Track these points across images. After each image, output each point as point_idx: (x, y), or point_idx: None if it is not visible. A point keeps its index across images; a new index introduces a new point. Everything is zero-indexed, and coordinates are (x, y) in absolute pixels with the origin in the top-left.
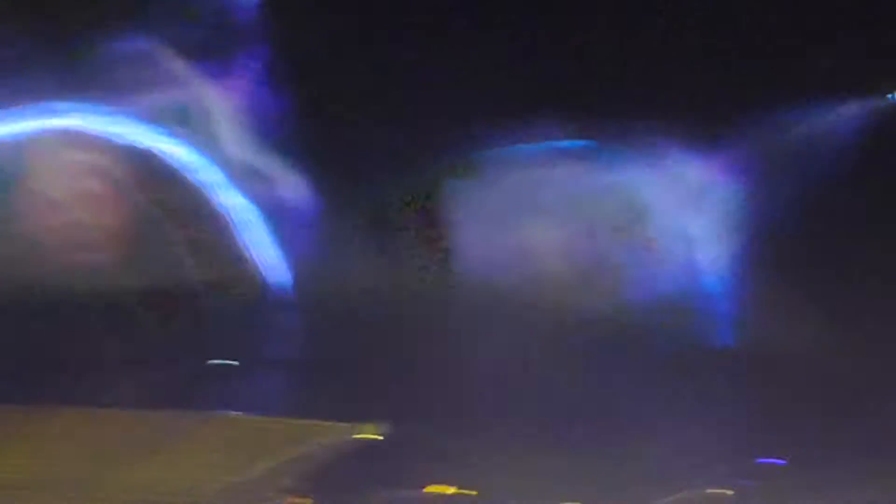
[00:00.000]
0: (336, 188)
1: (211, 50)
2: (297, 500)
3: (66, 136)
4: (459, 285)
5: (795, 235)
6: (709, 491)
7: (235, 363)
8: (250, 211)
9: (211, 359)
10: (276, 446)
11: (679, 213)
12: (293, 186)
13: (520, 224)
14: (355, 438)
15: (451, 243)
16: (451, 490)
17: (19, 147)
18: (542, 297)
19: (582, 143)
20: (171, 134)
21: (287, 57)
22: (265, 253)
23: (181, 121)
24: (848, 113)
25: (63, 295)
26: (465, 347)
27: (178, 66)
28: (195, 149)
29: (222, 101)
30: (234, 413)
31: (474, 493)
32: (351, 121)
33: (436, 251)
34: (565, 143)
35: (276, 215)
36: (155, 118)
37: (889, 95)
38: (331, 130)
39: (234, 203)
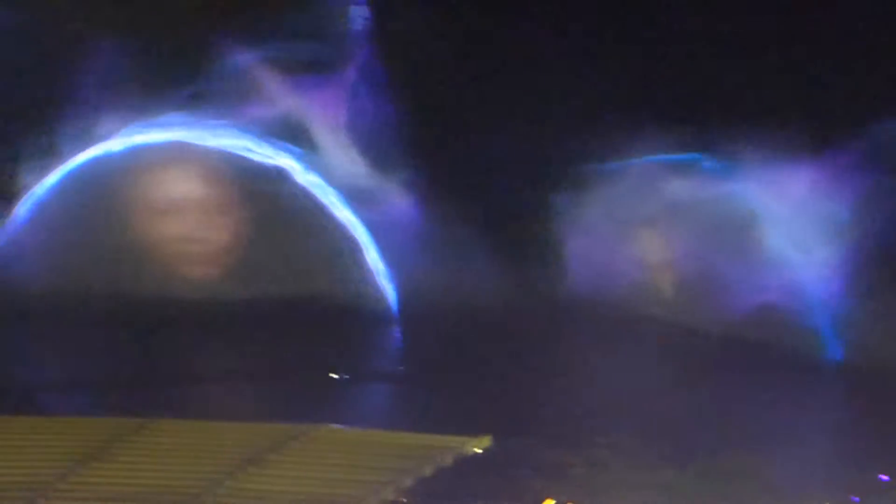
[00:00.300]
0: (448, 200)
1: (321, 61)
2: None
3: (177, 148)
4: (570, 297)
5: None
6: None
7: (346, 376)
8: (361, 223)
9: (321, 371)
10: (383, 459)
11: (789, 225)
12: (405, 198)
13: (630, 236)
14: (462, 452)
15: (561, 255)
16: None
17: (132, 160)
18: (651, 309)
19: (692, 155)
20: (281, 146)
21: (399, 67)
22: (376, 266)
23: (291, 133)
24: None
25: (175, 307)
26: (576, 360)
27: (287, 77)
28: (305, 161)
29: (333, 113)
30: (340, 425)
31: None
32: (464, 132)
33: (547, 263)
34: (675, 156)
35: (388, 228)
36: (264, 130)
37: None
38: (444, 141)
39: (344, 215)
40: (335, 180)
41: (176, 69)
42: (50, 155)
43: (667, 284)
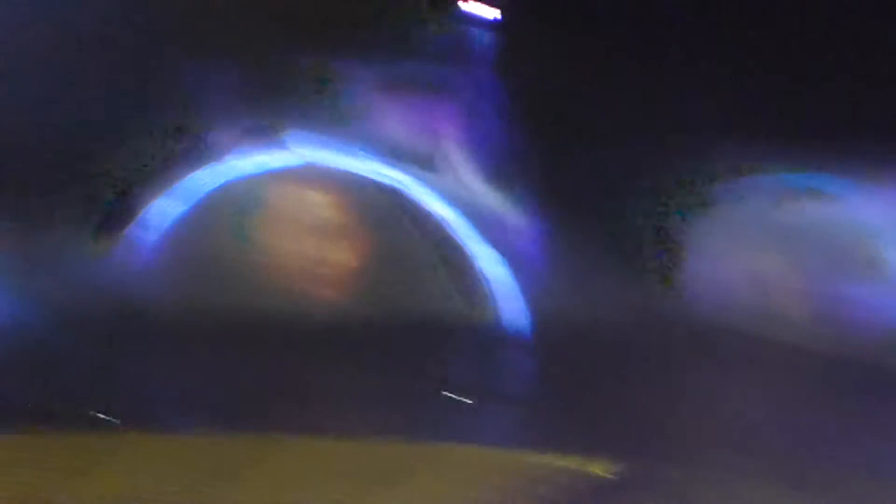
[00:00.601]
0: (572, 221)
1: (445, 82)
2: None
3: (303, 170)
4: (694, 319)
5: None
6: None
7: (468, 401)
8: (484, 245)
9: (444, 392)
10: (506, 478)
11: None
12: (529, 219)
13: (751, 257)
14: (584, 473)
15: (685, 277)
16: None
17: (259, 181)
18: (776, 332)
19: (818, 174)
20: (406, 168)
21: (521, 87)
22: (499, 288)
23: (416, 155)
24: None
25: (301, 327)
26: (698, 382)
27: (413, 98)
28: (430, 183)
29: (459, 134)
30: (464, 445)
31: None
32: (587, 152)
33: (670, 284)
34: (800, 175)
35: (513, 249)
36: (390, 152)
37: None
38: (567, 161)
39: (467, 237)
40: (460, 202)
41: (302, 89)
42: (179, 176)
43: (790, 306)
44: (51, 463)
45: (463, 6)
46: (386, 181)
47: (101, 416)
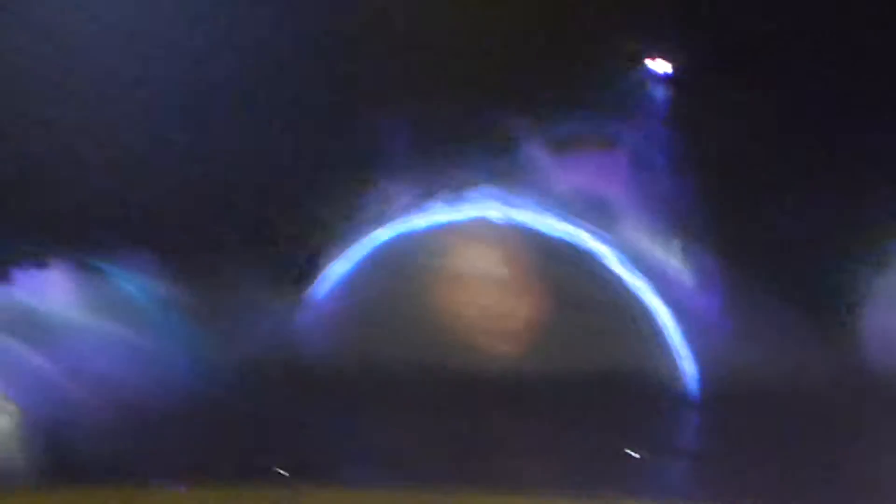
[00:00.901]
0: (744, 277)
1: (617, 137)
2: None
3: (477, 225)
4: (867, 377)
5: None
6: None
7: (641, 453)
8: (658, 302)
9: (618, 447)
10: None
11: None
12: (705, 277)
13: None
14: None
15: (862, 335)
16: None
17: (435, 235)
18: None
19: None
20: (580, 223)
21: (693, 142)
22: (672, 344)
23: (591, 210)
24: None
25: (479, 381)
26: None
27: (593, 155)
28: (604, 238)
29: (633, 190)
30: (639, 499)
31: None
32: (760, 208)
33: (845, 342)
34: None
35: (689, 307)
36: (565, 207)
37: None
38: (740, 218)
39: (645, 293)
40: (634, 258)
41: (477, 144)
42: (354, 229)
43: None
44: None
45: (650, 64)
46: (562, 237)
47: (280, 471)
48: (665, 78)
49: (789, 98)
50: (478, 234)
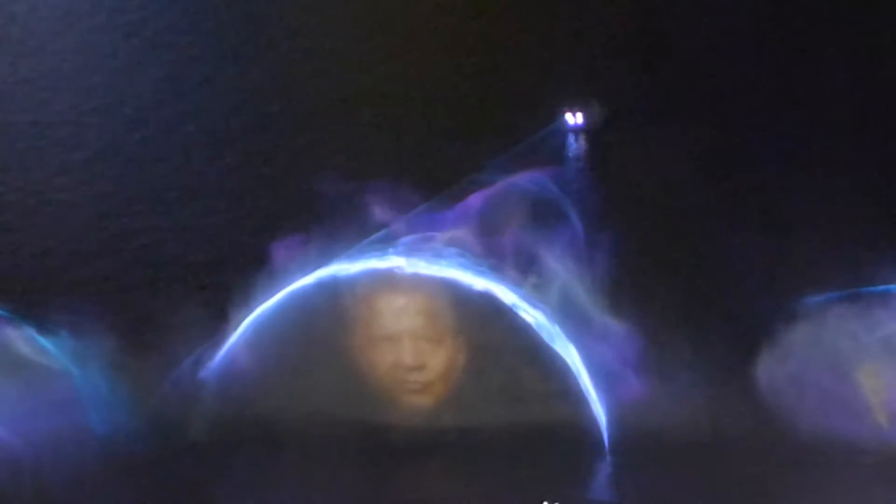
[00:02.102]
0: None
1: (544, 191)
2: None
3: (398, 276)
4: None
5: None
6: None
7: None
8: (574, 353)
9: (533, 499)
10: None
11: None
12: (616, 325)
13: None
14: None
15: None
16: None
17: (348, 286)
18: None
19: None
20: (497, 275)
21: (621, 197)
22: (589, 396)
23: (509, 261)
24: None
25: (391, 434)
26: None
27: (505, 205)
28: (522, 291)
29: (556, 244)
30: None
31: None
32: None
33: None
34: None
35: (601, 356)
36: (485, 260)
37: None
38: (657, 265)
39: (557, 345)
40: (552, 309)
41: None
42: (275, 277)
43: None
44: None
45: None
46: (482, 289)
47: None
48: (581, 129)
49: (703, 144)
50: (395, 285)
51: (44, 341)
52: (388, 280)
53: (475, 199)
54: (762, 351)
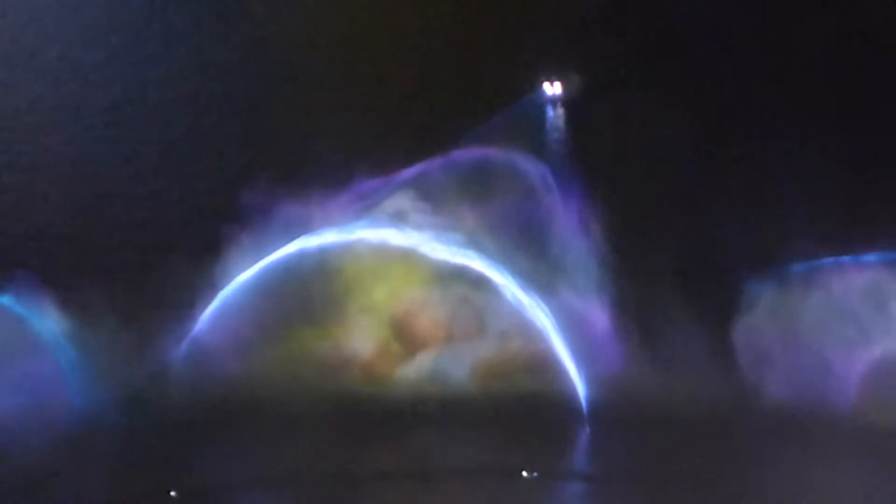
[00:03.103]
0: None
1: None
2: None
3: (367, 247)
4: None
5: None
6: None
7: (535, 475)
8: (552, 324)
9: (512, 470)
10: None
11: None
12: (595, 298)
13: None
14: None
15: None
16: None
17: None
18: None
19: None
20: (476, 246)
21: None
22: (567, 366)
23: (488, 232)
24: None
25: (367, 405)
26: (762, 464)
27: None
28: (495, 262)
29: (524, 215)
30: None
31: None
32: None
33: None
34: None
35: (580, 327)
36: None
37: None
38: (636, 237)
39: (535, 315)
40: (529, 279)
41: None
42: (252, 249)
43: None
44: None
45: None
46: (461, 260)
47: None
48: (559, 99)
49: (679, 114)
50: (373, 255)
51: (22, 312)
52: (366, 251)
53: (447, 168)
54: (743, 319)
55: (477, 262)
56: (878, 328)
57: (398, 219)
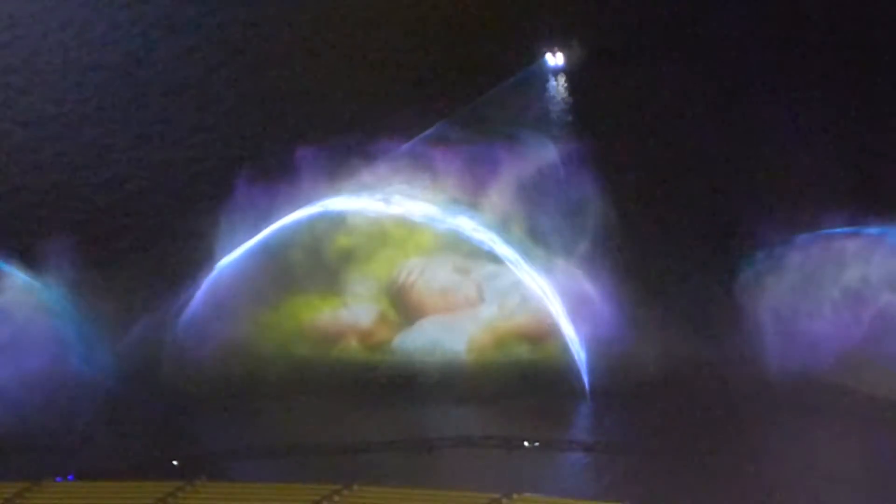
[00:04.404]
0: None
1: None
2: None
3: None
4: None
5: None
6: None
7: (536, 444)
8: (550, 293)
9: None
10: None
11: None
12: (592, 267)
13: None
14: None
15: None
16: None
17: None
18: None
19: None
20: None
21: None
22: (566, 337)
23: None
24: None
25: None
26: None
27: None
28: (496, 232)
29: (524, 183)
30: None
31: None
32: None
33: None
34: (869, 228)
35: (577, 298)
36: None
37: None
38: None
39: (531, 286)
40: (526, 249)
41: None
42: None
43: (863, 358)
44: None
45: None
46: (457, 230)
47: (175, 462)
48: (561, 70)
49: (682, 90)
50: (371, 227)
51: (25, 280)
52: (364, 221)
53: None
54: (742, 288)
55: (476, 232)
56: (875, 296)
57: (396, 190)
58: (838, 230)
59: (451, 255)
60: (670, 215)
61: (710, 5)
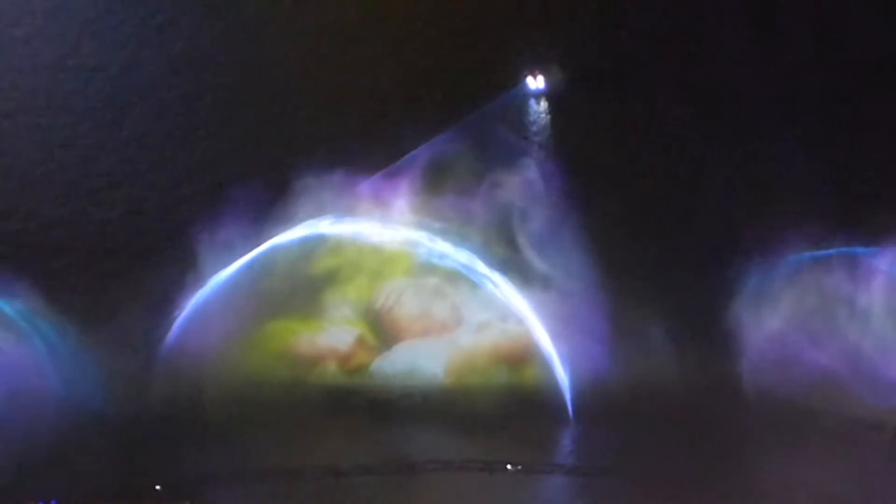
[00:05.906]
0: (624, 291)
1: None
2: None
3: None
4: (744, 388)
5: None
6: None
7: (519, 467)
8: (534, 314)
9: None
10: None
11: None
12: (581, 289)
13: (809, 329)
14: None
15: (737, 345)
16: None
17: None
18: (829, 403)
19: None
20: (458, 240)
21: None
22: (551, 355)
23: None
24: None
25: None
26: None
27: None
28: (481, 255)
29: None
30: None
31: None
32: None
33: (722, 353)
34: (854, 249)
35: (565, 319)
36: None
37: None
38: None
39: (517, 307)
40: (512, 272)
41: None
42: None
43: (842, 377)
44: None
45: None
46: (441, 254)
47: (157, 487)
48: (543, 93)
49: (664, 111)
50: (349, 250)
51: (4, 305)
52: (343, 245)
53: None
54: (732, 311)
55: (456, 254)
56: (864, 321)
57: (376, 212)
58: (825, 253)
59: (429, 278)
60: (653, 238)
61: (695, 28)
